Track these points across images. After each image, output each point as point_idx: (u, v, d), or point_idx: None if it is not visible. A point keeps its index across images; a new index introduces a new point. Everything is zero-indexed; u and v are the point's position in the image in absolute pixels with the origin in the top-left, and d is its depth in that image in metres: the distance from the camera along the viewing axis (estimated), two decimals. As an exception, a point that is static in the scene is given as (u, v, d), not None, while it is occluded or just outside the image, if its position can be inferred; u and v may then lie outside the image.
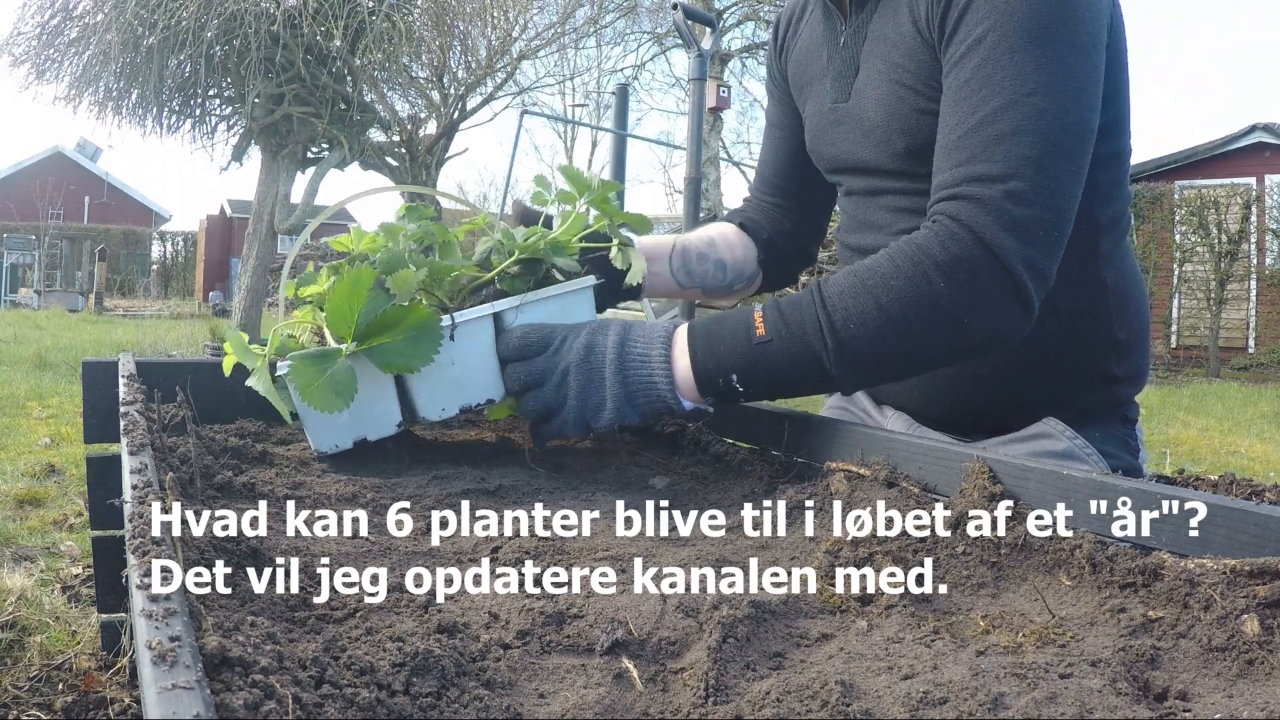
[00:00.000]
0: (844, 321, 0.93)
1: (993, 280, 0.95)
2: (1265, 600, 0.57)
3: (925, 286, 0.94)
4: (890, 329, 0.94)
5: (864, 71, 1.17)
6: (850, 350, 0.94)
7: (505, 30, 11.71)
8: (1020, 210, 0.94)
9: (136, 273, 24.82)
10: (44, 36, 10.30)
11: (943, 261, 0.94)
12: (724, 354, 0.96)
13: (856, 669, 0.56)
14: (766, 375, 0.96)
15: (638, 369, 0.98)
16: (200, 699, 0.37)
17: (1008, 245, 0.94)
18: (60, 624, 1.61)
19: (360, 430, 0.98)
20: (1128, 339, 1.18)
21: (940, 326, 0.95)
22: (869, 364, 0.95)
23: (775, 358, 0.95)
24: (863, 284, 0.95)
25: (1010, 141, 0.95)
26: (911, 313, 0.94)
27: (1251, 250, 11.99)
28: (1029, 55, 0.96)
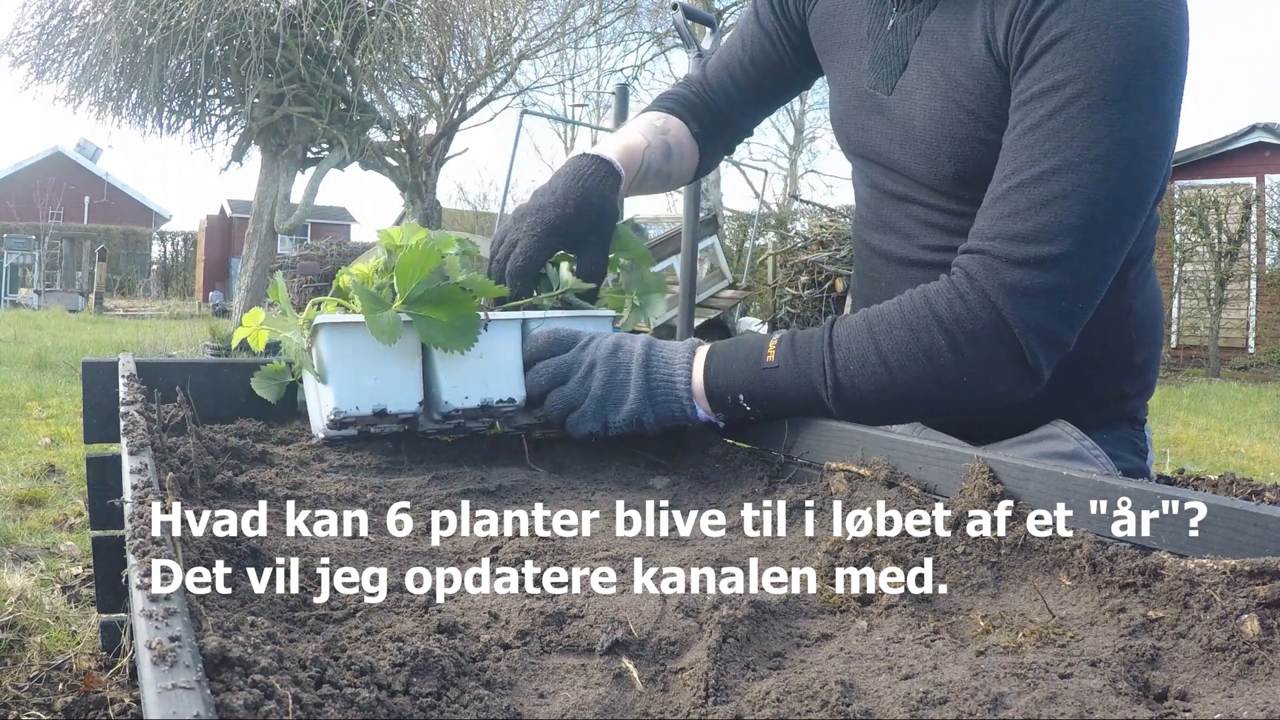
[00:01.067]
0: (844, 363, 0.96)
1: (997, 345, 0.93)
2: (1265, 600, 0.57)
3: (926, 341, 0.94)
4: (886, 377, 0.95)
5: (914, 71, 1.11)
6: (847, 391, 0.96)
7: (505, 30, 11.71)
8: (1044, 277, 0.92)
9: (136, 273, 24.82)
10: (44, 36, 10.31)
11: (947, 320, 0.94)
12: (734, 373, 1.00)
13: (856, 669, 0.56)
14: (770, 399, 1.00)
15: (660, 368, 1.02)
16: (200, 699, 0.37)
17: (1021, 312, 0.92)
18: (60, 624, 1.61)
19: (382, 399, 1.00)
20: (1145, 361, 1.18)
21: (937, 383, 0.95)
22: (865, 406, 0.97)
23: (779, 384, 0.99)
24: (869, 329, 0.97)
25: (1058, 205, 0.92)
26: (910, 365, 0.94)
27: (1251, 250, 11.99)
28: (1104, 117, 0.91)
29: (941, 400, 0.98)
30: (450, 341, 0.98)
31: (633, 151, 1.26)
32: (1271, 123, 12.84)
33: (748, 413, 1.01)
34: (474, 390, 1.02)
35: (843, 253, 9.58)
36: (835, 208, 11.37)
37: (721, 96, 1.41)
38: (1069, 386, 1.13)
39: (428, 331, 0.98)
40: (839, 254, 9.62)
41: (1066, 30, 0.93)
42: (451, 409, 1.02)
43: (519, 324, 1.07)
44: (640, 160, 1.27)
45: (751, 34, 1.39)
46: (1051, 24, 0.94)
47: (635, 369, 1.02)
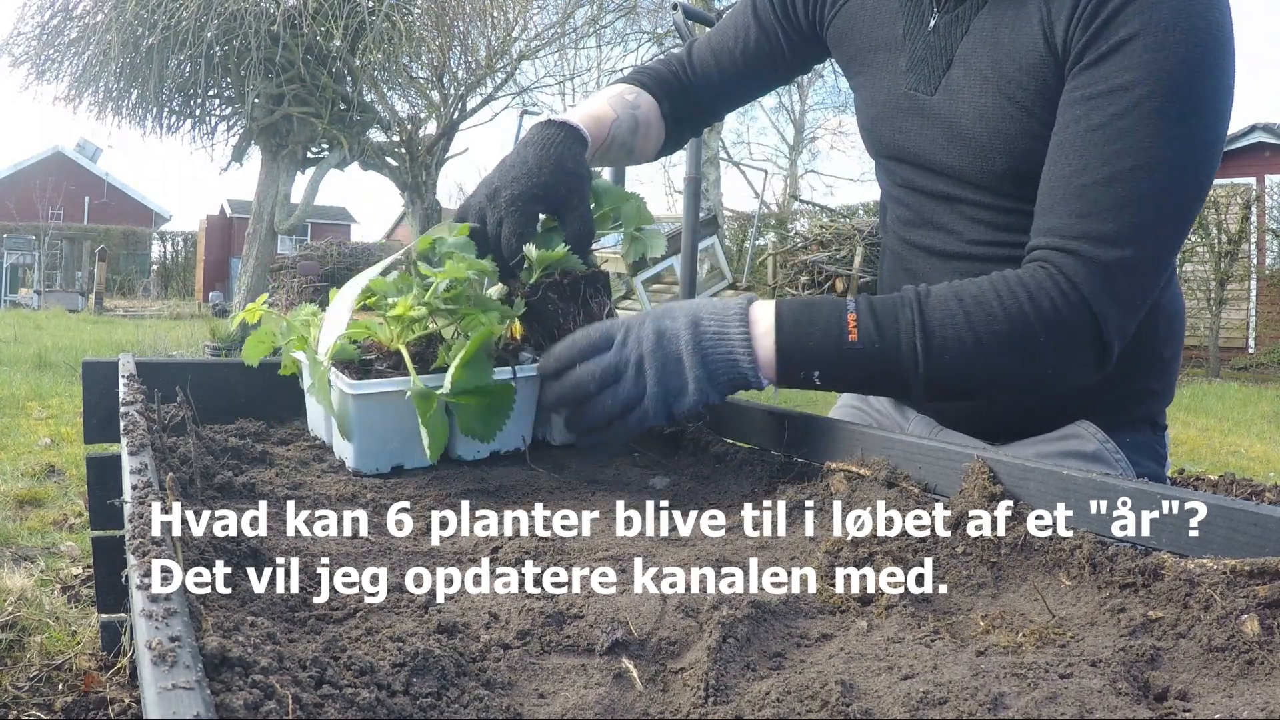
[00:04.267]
0: (940, 350, 0.94)
1: (1087, 345, 0.96)
2: (1265, 600, 0.57)
3: (1027, 336, 0.94)
4: (981, 366, 0.95)
5: (960, 70, 1.10)
6: (938, 378, 0.95)
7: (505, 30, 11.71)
8: (1129, 281, 0.95)
9: (136, 273, 24.82)
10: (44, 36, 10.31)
11: (1050, 319, 0.94)
12: (812, 349, 0.95)
13: (856, 669, 0.56)
14: (848, 378, 0.97)
15: (716, 346, 0.96)
16: (200, 699, 0.37)
17: (1110, 314, 0.95)
18: (60, 624, 1.61)
19: (400, 459, 1.01)
20: (1170, 357, 1.19)
21: (1026, 373, 0.97)
22: (949, 389, 0.97)
23: (862, 366, 0.95)
24: (967, 316, 0.95)
25: (1136, 207, 0.95)
26: (1006, 358, 0.95)
27: (1251, 250, 11.99)
28: (1174, 121, 0.94)
29: (1021, 388, 1.00)
30: (485, 429, 0.99)
31: (600, 121, 1.25)
32: (1271, 123, 12.84)
33: (818, 387, 0.98)
34: (485, 445, 1.06)
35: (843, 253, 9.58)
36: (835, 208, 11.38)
37: (703, 82, 1.41)
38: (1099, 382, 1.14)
39: (466, 421, 0.99)
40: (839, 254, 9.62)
41: (1135, 32, 0.95)
42: (464, 460, 1.05)
43: (536, 379, 1.07)
44: (607, 131, 1.27)
45: (746, 28, 1.38)
46: (1120, 24, 0.96)
47: (688, 356, 0.95)
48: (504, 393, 0.99)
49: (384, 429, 0.99)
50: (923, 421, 1.27)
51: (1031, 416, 1.17)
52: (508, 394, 1.00)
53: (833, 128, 43.12)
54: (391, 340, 1.05)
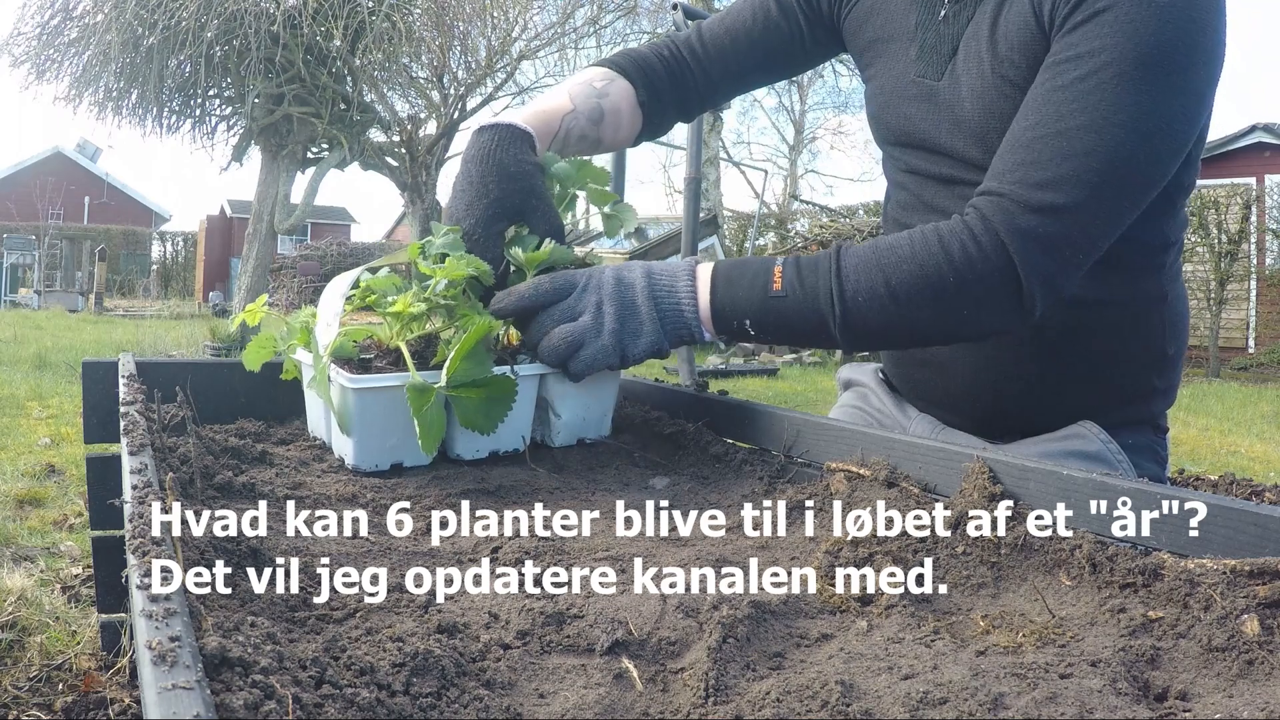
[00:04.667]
0: (853, 294, 0.99)
1: (1001, 285, 0.97)
2: (1265, 600, 0.57)
3: (935, 278, 0.97)
4: (894, 309, 0.99)
5: (964, 55, 1.13)
6: (854, 320, 1.00)
7: (505, 30, 11.72)
8: (1056, 225, 0.96)
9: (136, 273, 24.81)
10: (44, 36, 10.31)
11: (958, 260, 0.97)
12: (740, 299, 1.02)
13: (856, 669, 0.56)
14: (776, 325, 1.03)
15: (667, 296, 1.03)
16: (200, 699, 0.37)
17: (1029, 256, 0.96)
18: (60, 624, 1.61)
19: (400, 456, 1.01)
20: (1174, 354, 1.19)
21: (939, 317, 1.00)
22: (867, 334, 1.02)
23: (786, 312, 1.02)
24: (878, 262, 0.99)
25: (1077, 160, 0.95)
26: (916, 299, 0.98)
27: (1251, 250, 11.99)
28: (1134, 87, 0.95)
29: (938, 332, 1.03)
30: (485, 422, 1.00)
31: (548, 115, 1.25)
32: (1271, 123, 12.83)
33: (751, 335, 1.04)
34: (485, 444, 1.06)
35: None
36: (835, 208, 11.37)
37: (714, 63, 1.39)
38: (1103, 377, 1.15)
39: (466, 414, 0.99)
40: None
41: (1110, 4, 0.97)
42: (463, 459, 1.05)
43: (537, 379, 1.09)
44: (558, 124, 1.26)
45: (766, 9, 1.37)
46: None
47: (643, 301, 1.03)
48: (504, 384, 0.99)
49: (384, 425, 0.99)
50: (925, 421, 1.27)
51: (1035, 415, 1.17)
52: (508, 385, 1.00)
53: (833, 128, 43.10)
54: (391, 338, 1.05)
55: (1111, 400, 1.16)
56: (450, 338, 1.04)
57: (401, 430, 0.99)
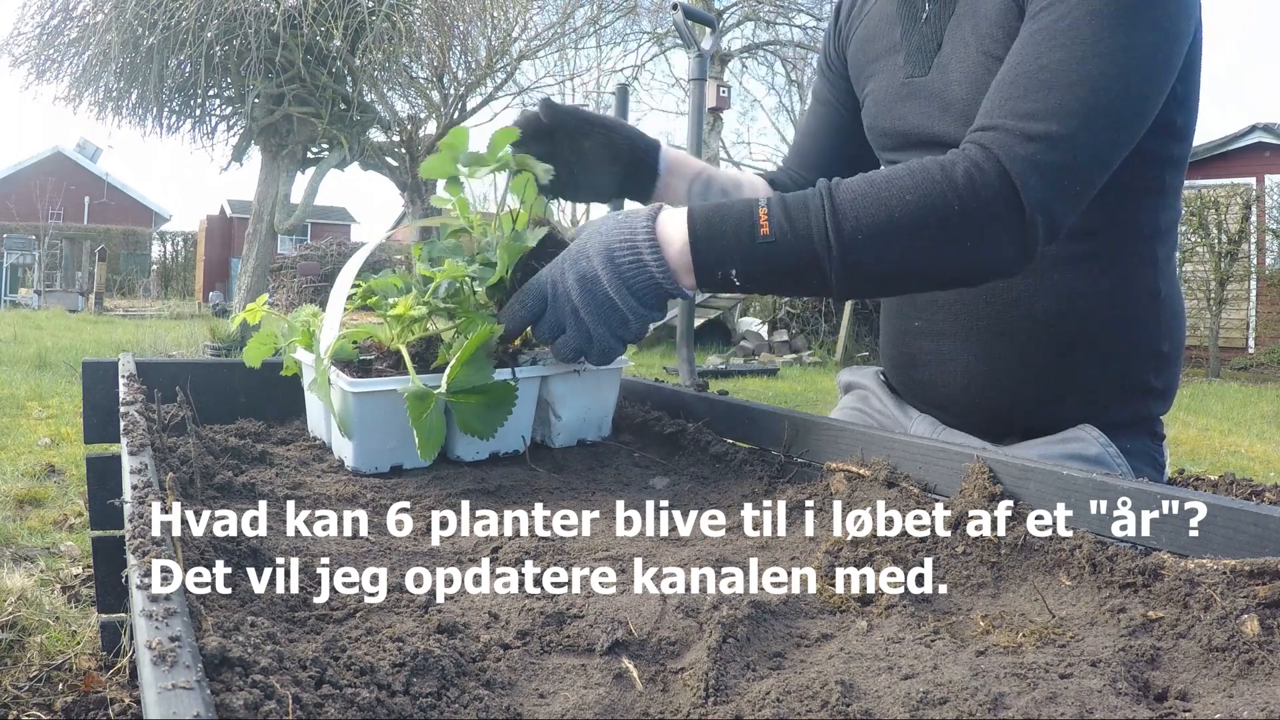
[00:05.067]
0: (852, 231, 0.92)
1: (1006, 213, 0.94)
2: (1265, 600, 0.57)
3: (939, 205, 0.93)
4: (897, 244, 0.93)
5: (948, 46, 1.16)
6: (853, 259, 0.93)
7: (505, 30, 11.71)
8: (1052, 155, 0.94)
9: (136, 273, 24.81)
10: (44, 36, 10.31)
11: (963, 188, 0.93)
12: (725, 248, 0.95)
13: (856, 669, 0.56)
14: (765, 273, 0.95)
15: (635, 275, 0.96)
16: (200, 699, 0.37)
17: (1030, 184, 0.94)
18: (60, 624, 1.61)
19: (399, 458, 1.01)
20: (1169, 352, 1.19)
21: (944, 249, 0.94)
22: (867, 275, 0.95)
23: (777, 258, 0.94)
24: (878, 195, 0.93)
25: (1063, 91, 0.96)
26: (919, 230, 0.93)
27: (1251, 250, 11.99)
28: (1109, 22, 0.97)
29: (940, 269, 0.97)
30: (484, 428, 0.99)
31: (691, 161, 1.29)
32: (1271, 123, 12.83)
33: (737, 287, 0.97)
34: (485, 445, 1.06)
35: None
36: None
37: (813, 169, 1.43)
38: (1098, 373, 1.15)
39: (465, 419, 0.99)
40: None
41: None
42: (463, 461, 1.05)
43: (537, 381, 1.09)
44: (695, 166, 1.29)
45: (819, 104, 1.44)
46: None
47: (614, 292, 0.96)
48: (503, 391, 0.99)
49: (384, 428, 0.99)
50: (925, 421, 1.27)
51: (1031, 415, 1.17)
52: (507, 392, 1.00)
53: (833, 128, 42.89)
54: (391, 340, 1.05)
55: (1107, 398, 1.16)
56: (451, 339, 1.04)
57: (401, 433, 0.99)
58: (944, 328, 1.20)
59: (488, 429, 0.99)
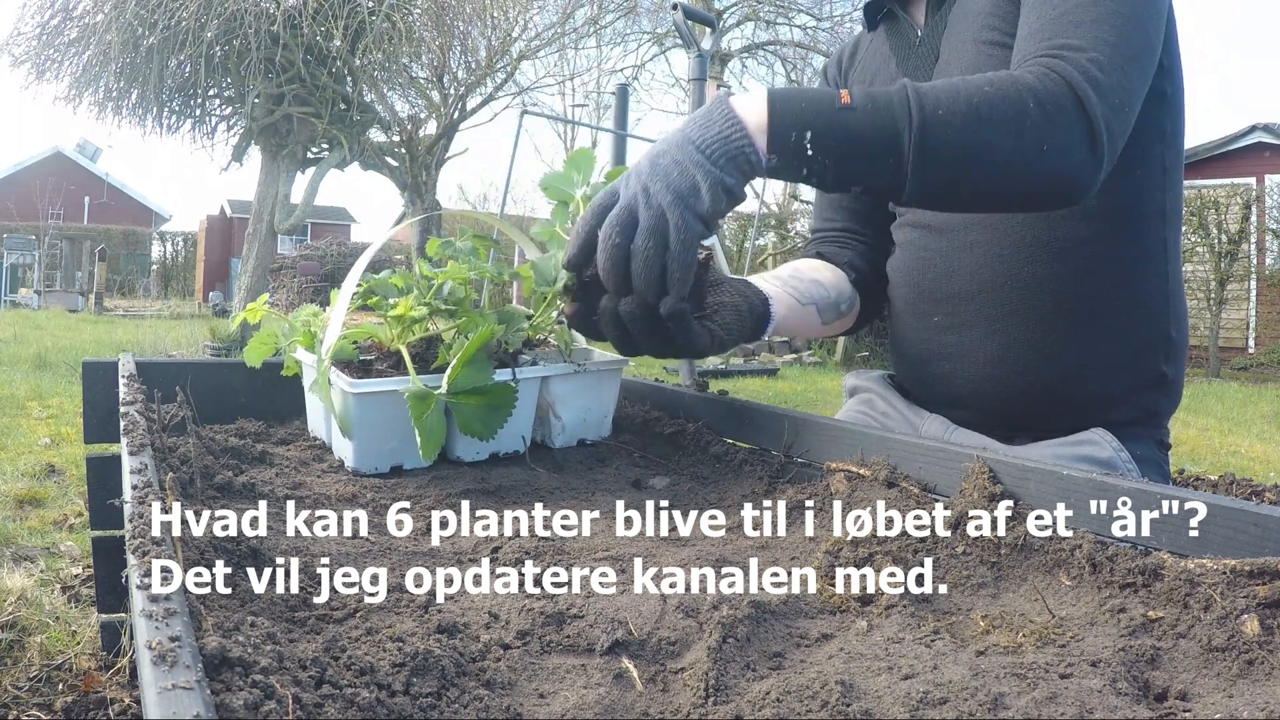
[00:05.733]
0: (933, 107, 0.91)
1: (1077, 121, 0.95)
2: (1265, 600, 0.57)
3: (1016, 103, 0.93)
4: (975, 127, 0.92)
5: (945, 54, 1.21)
6: (932, 136, 0.91)
7: (505, 30, 11.71)
8: (1102, 76, 0.97)
9: (136, 273, 24.81)
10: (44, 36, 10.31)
11: (1038, 90, 0.94)
12: (803, 110, 0.90)
13: (856, 669, 0.56)
14: (841, 142, 0.91)
15: (704, 133, 0.90)
16: (200, 699, 0.37)
17: (1092, 98, 0.95)
18: (60, 624, 1.61)
19: (399, 459, 1.02)
20: (1177, 337, 1.21)
21: (1021, 145, 0.94)
22: (942, 159, 0.92)
23: (855, 125, 0.91)
24: (955, 87, 0.94)
25: (1090, 27, 1.00)
26: (999, 121, 0.92)
27: (1251, 250, 11.99)
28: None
29: (1019, 171, 0.95)
30: (484, 429, 0.99)
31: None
32: (1271, 123, 12.83)
33: (809, 158, 0.90)
34: (485, 446, 1.06)
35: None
36: (835, 208, 11.35)
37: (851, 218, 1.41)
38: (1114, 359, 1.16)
39: (465, 420, 0.99)
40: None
41: None
42: (463, 462, 1.05)
43: (537, 382, 1.09)
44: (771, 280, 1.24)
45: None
46: None
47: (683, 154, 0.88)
48: (504, 392, 0.99)
49: (384, 428, 0.99)
50: (937, 422, 1.27)
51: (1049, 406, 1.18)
52: (507, 394, 1.00)
53: (833, 128, 42.95)
54: (392, 340, 1.05)
55: (1122, 389, 1.17)
56: (452, 340, 1.04)
57: (401, 433, 0.99)
58: (966, 319, 1.20)
59: (488, 430, 0.99)
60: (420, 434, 0.94)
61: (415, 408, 0.94)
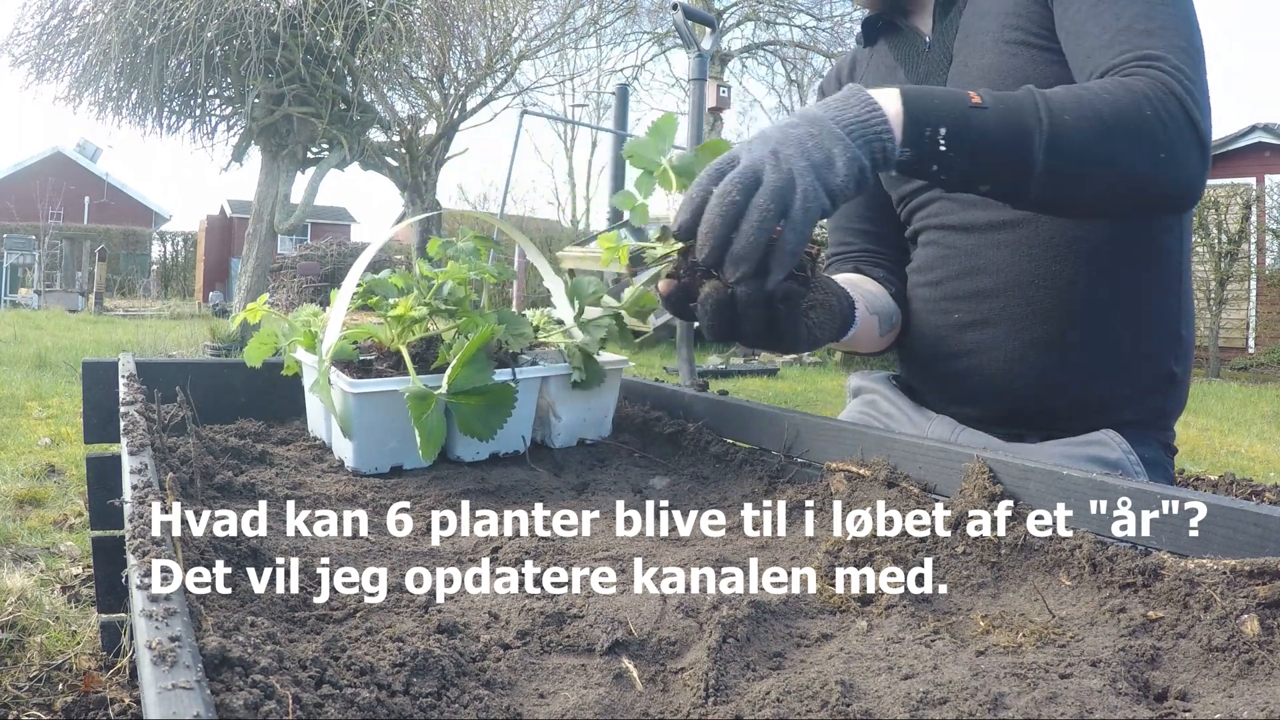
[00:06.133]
0: (1060, 111, 0.93)
1: (1187, 129, 0.97)
2: (1265, 600, 0.57)
3: (1136, 110, 0.95)
4: (1101, 133, 0.94)
5: (960, 57, 1.22)
6: (1061, 138, 0.92)
7: (505, 30, 11.71)
8: (1192, 85, 0.99)
9: (136, 273, 24.81)
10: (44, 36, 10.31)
11: (1152, 99, 0.96)
12: (937, 106, 0.90)
13: (856, 669, 0.56)
14: (974, 140, 0.91)
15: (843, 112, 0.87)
16: (200, 699, 0.37)
17: (1192, 106, 0.97)
18: (60, 624, 1.61)
19: (400, 459, 1.02)
20: (1187, 336, 1.22)
21: (1143, 152, 0.96)
22: (1071, 157, 0.93)
23: (988, 124, 0.92)
24: (1076, 94, 0.95)
25: (1161, 35, 1.02)
26: (1121, 128, 0.94)
27: (1251, 250, 11.98)
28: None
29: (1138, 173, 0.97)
30: (483, 429, 0.99)
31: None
32: (1271, 123, 12.83)
33: (941, 154, 0.90)
34: (485, 446, 1.06)
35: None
36: (835, 208, 11.35)
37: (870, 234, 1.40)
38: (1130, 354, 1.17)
39: (465, 420, 0.99)
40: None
41: None
42: (463, 462, 1.05)
43: (538, 381, 1.09)
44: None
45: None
46: None
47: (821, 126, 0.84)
48: (503, 392, 0.99)
49: (384, 428, 0.99)
50: (945, 423, 1.27)
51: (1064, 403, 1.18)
52: (507, 394, 1.00)
53: (833, 128, 42.96)
54: (392, 340, 1.05)
55: (1133, 389, 1.18)
56: (452, 340, 1.04)
57: (401, 433, 0.99)
58: (990, 316, 1.20)
59: (488, 430, 0.99)
60: (420, 434, 0.94)
61: (415, 408, 0.94)
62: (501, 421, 1.00)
